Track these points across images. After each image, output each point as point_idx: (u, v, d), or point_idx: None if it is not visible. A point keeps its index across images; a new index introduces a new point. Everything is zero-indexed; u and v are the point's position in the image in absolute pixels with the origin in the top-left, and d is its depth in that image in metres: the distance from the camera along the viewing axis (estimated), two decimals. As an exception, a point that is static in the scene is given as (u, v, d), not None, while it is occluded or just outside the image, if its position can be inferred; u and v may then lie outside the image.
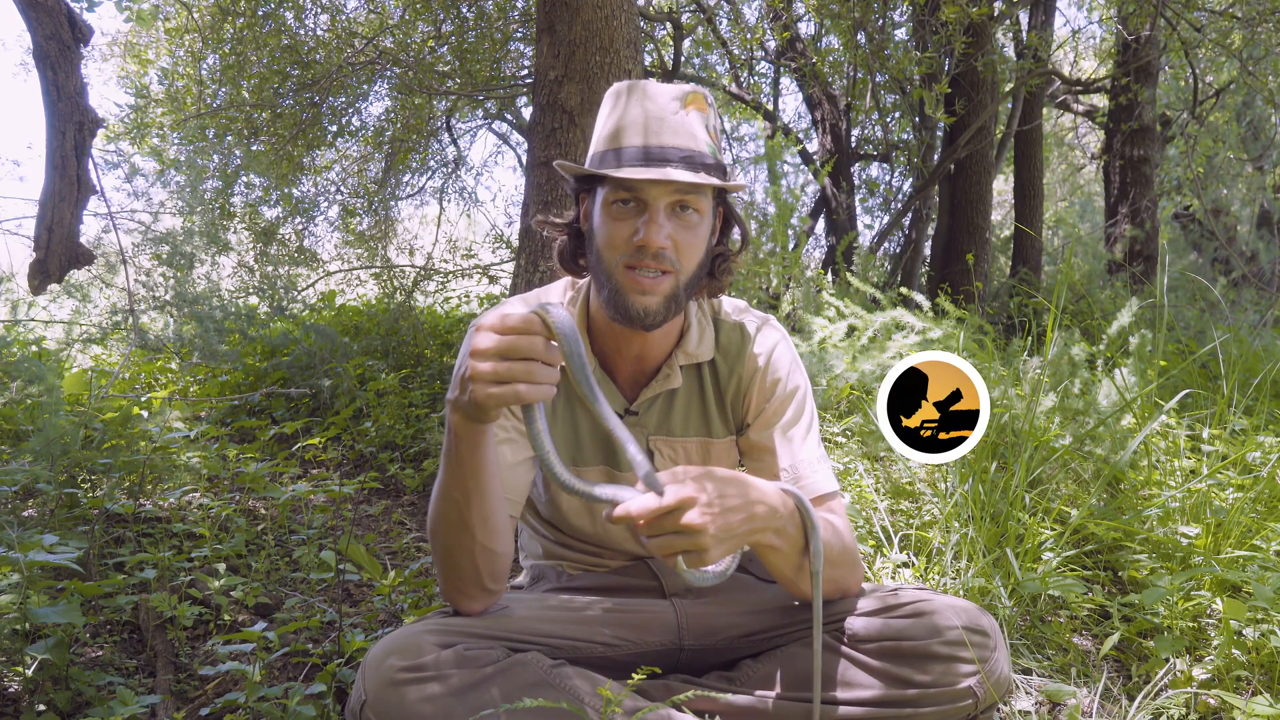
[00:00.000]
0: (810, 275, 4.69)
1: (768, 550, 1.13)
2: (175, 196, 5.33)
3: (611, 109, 1.24)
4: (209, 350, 3.66)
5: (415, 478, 3.01)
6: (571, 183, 1.31)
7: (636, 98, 1.21)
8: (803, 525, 1.15)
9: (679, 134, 1.19)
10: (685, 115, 1.20)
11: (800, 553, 1.16)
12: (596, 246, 1.24)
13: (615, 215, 1.20)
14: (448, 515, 1.12)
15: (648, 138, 1.19)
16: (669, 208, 1.19)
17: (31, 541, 1.52)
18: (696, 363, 1.36)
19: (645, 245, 1.18)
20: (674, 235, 1.19)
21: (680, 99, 1.21)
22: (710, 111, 1.24)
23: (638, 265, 1.19)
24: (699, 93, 1.23)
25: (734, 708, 1.21)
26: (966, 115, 5.51)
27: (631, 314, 1.21)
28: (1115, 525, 1.92)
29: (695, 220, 1.21)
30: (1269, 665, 1.52)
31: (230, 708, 1.46)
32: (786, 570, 1.17)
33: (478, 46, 5.41)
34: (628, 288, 1.20)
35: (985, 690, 1.19)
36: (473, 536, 1.12)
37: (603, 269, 1.23)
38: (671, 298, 1.22)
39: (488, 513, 1.12)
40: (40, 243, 2.69)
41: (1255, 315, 5.37)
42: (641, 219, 1.19)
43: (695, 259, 1.23)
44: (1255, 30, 5.02)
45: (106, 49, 7.03)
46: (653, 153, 1.18)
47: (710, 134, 1.23)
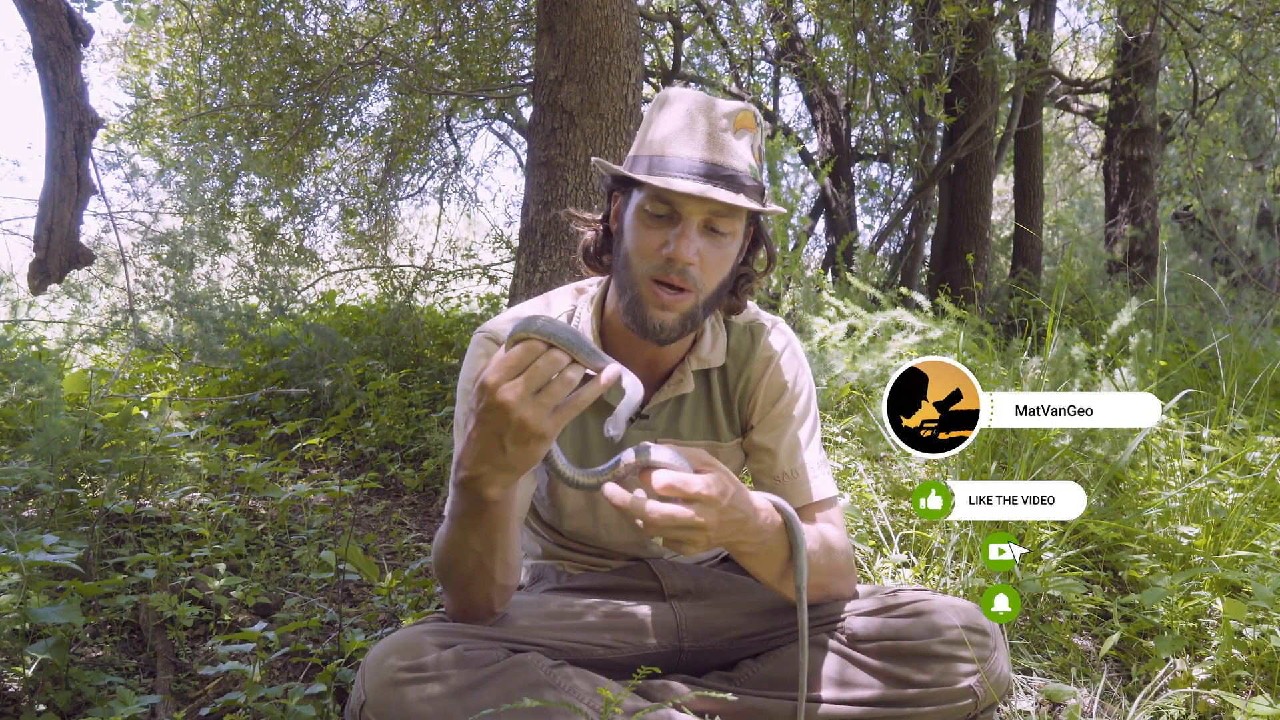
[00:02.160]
0: (810, 275, 4.69)
1: (746, 557, 1.15)
2: (175, 196, 5.34)
3: (662, 113, 1.22)
4: (209, 350, 3.66)
5: (415, 478, 3.01)
6: (607, 180, 1.30)
7: (689, 107, 1.20)
8: (788, 540, 1.16)
9: (725, 151, 1.18)
10: (734, 134, 1.19)
11: (784, 563, 1.17)
12: (625, 250, 1.23)
13: (648, 223, 1.19)
14: (463, 562, 1.11)
15: (694, 150, 1.17)
16: (702, 224, 1.18)
17: (31, 541, 1.52)
18: (708, 367, 1.36)
19: (674, 258, 1.17)
20: (702, 252, 1.18)
21: (730, 116, 1.20)
22: (758, 132, 1.23)
23: (663, 279, 1.18)
24: (750, 112, 1.22)
25: (734, 708, 1.21)
26: (966, 115, 5.51)
27: (648, 327, 1.21)
28: (1115, 525, 1.92)
29: (726, 240, 1.21)
30: (1269, 665, 1.52)
31: (230, 708, 1.46)
32: (767, 577, 1.19)
33: (478, 46, 5.41)
34: (649, 300, 1.20)
35: (985, 690, 1.19)
36: (491, 580, 1.13)
37: (628, 275, 1.22)
38: (689, 316, 1.21)
39: (509, 557, 1.12)
40: (40, 243, 2.69)
41: (1255, 315, 5.37)
42: (674, 231, 1.18)
43: (718, 278, 1.22)
44: (1255, 30, 5.02)
45: (106, 49, 7.02)
46: (697, 167, 1.17)
47: (754, 155, 1.22)
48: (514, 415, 0.93)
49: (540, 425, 0.94)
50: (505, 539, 1.10)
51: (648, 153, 1.21)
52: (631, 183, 1.23)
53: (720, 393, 1.36)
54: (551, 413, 0.94)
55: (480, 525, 1.06)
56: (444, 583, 1.17)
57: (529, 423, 0.93)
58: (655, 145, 1.20)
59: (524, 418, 0.93)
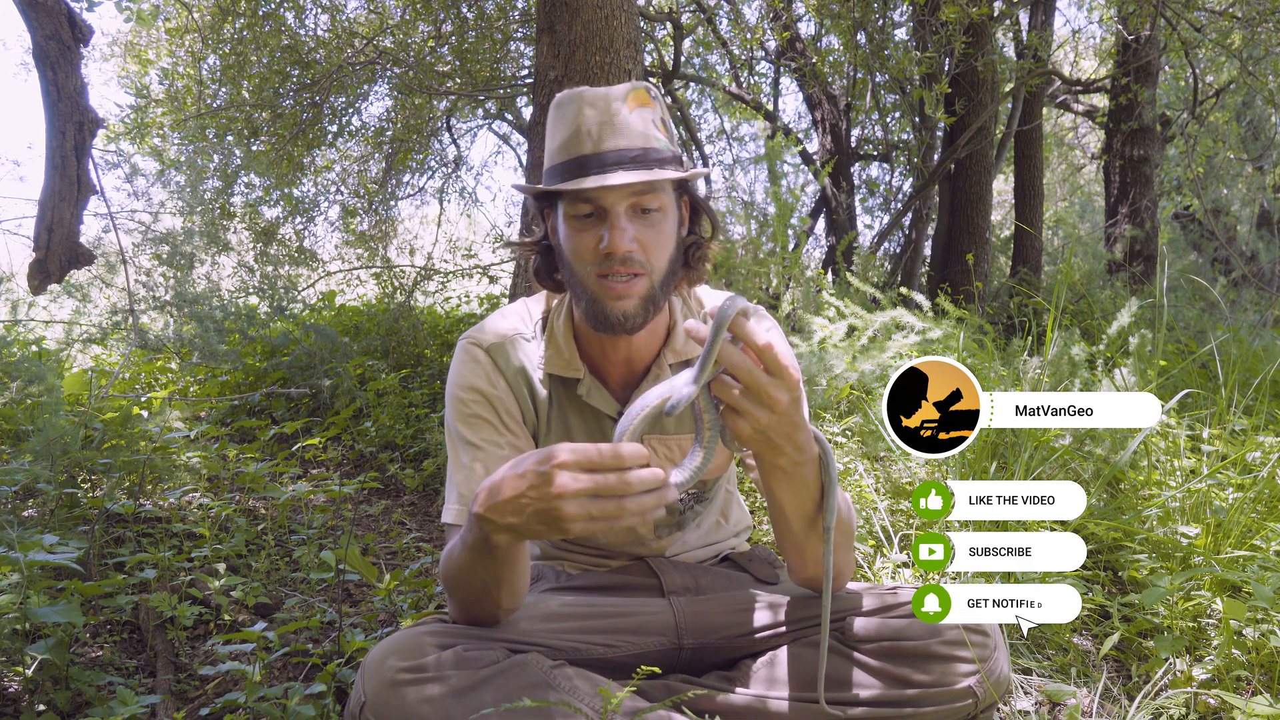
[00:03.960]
0: (810, 275, 4.69)
1: (780, 474, 1.09)
2: (175, 196, 5.34)
3: (556, 122, 1.24)
4: (209, 350, 3.66)
5: (415, 478, 3.01)
6: (534, 203, 1.31)
7: (579, 106, 1.20)
8: (820, 476, 1.12)
9: (625, 134, 1.19)
10: (631, 114, 1.20)
11: (813, 499, 1.13)
12: (566, 260, 1.24)
13: (579, 227, 1.21)
14: (470, 586, 1.11)
15: (596, 145, 1.18)
16: (629, 210, 1.19)
17: (31, 541, 1.52)
18: (686, 359, 1.36)
19: (612, 251, 1.18)
20: (639, 237, 1.19)
21: (623, 98, 1.20)
22: (656, 105, 1.24)
23: (609, 273, 1.19)
24: (641, 88, 1.22)
25: (734, 708, 1.21)
26: (966, 115, 5.51)
27: (611, 320, 1.22)
28: (1115, 525, 1.92)
29: (658, 218, 1.21)
30: (1269, 665, 1.52)
31: (230, 708, 1.46)
32: (794, 507, 1.13)
33: (478, 46, 5.41)
34: (604, 296, 1.21)
35: (985, 690, 1.19)
36: (499, 605, 1.14)
37: (576, 281, 1.23)
38: (648, 299, 1.22)
39: (516, 586, 1.13)
40: (40, 243, 2.68)
41: (1255, 315, 5.37)
42: (604, 227, 1.19)
43: (665, 255, 1.23)
44: (1255, 30, 5.02)
45: (106, 49, 7.02)
46: (604, 159, 1.17)
47: (660, 127, 1.22)
48: (556, 503, 0.91)
49: (572, 525, 0.92)
50: (512, 575, 1.10)
51: (554, 161, 1.23)
52: (554, 195, 1.24)
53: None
54: (587, 520, 0.92)
55: (489, 561, 1.06)
56: (450, 593, 1.16)
57: (564, 516, 0.91)
58: (558, 152, 1.22)
59: (564, 510, 0.91)
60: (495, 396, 1.31)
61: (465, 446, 1.28)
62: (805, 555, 1.20)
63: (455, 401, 1.31)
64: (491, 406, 1.30)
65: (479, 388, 1.31)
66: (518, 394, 1.33)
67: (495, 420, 1.30)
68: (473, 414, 1.29)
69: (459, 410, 1.30)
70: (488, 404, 1.30)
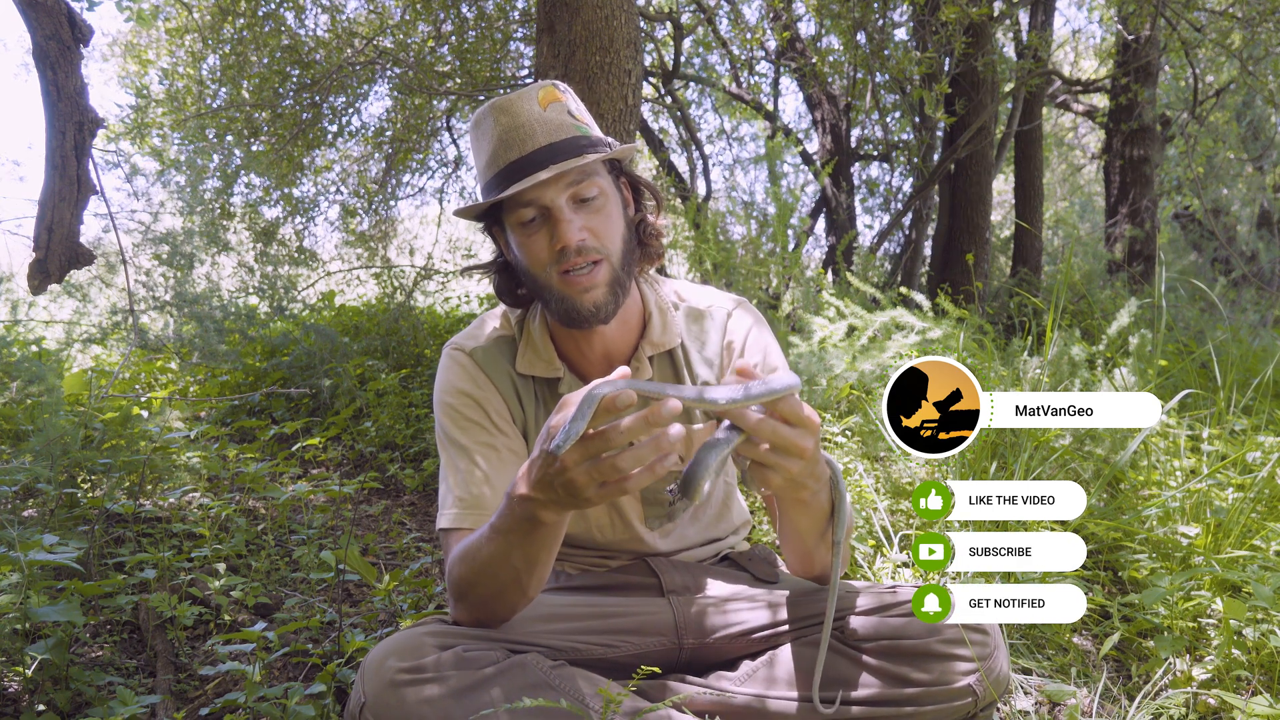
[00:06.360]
0: (810, 275, 4.69)
1: (800, 505, 1.13)
2: (175, 196, 5.33)
3: (478, 140, 1.26)
4: (209, 350, 3.66)
5: (415, 478, 3.01)
6: (481, 225, 1.33)
7: (494, 119, 1.23)
8: (830, 495, 1.15)
9: (546, 130, 1.21)
10: (545, 112, 1.22)
11: (825, 518, 1.17)
12: (525, 269, 1.26)
13: (527, 233, 1.23)
14: (498, 576, 1.11)
15: (521, 148, 1.21)
16: (570, 202, 1.21)
17: (31, 541, 1.52)
18: (665, 350, 1.37)
19: (565, 246, 1.20)
20: (587, 225, 1.21)
21: (531, 98, 1.23)
22: (567, 97, 1.26)
23: (569, 268, 1.21)
24: (548, 85, 1.25)
25: (734, 708, 1.21)
26: (966, 115, 5.50)
27: (584, 314, 1.23)
28: (1115, 525, 1.92)
29: (601, 202, 1.23)
30: (1269, 665, 1.52)
31: (230, 708, 1.46)
32: (811, 530, 1.17)
33: (478, 46, 5.41)
34: (570, 292, 1.22)
35: (984, 689, 1.19)
36: (524, 594, 1.13)
37: (540, 286, 1.25)
38: (613, 283, 1.24)
39: (545, 573, 1.13)
40: (40, 243, 2.68)
41: (1255, 315, 5.37)
42: (551, 225, 1.21)
43: (617, 236, 1.25)
44: (1255, 30, 5.02)
45: (106, 49, 7.03)
46: (533, 159, 1.20)
47: (575, 117, 1.25)
48: (567, 476, 0.94)
49: (586, 492, 0.94)
50: (548, 558, 1.10)
51: (487, 177, 1.25)
52: (495, 212, 1.27)
53: (687, 374, 1.38)
54: (598, 486, 0.93)
55: (529, 543, 1.06)
56: (465, 595, 1.15)
57: (578, 486, 0.94)
58: (488, 168, 1.24)
59: (575, 480, 0.93)
60: (484, 398, 1.32)
61: (459, 450, 1.28)
62: (813, 562, 1.24)
63: (445, 407, 1.32)
64: (481, 408, 1.31)
65: (467, 391, 1.32)
66: (505, 395, 1.34)
67: (486, 422, 1.30)
68: (464, 417, 1.30)
69: (450, 415, 1.31)
70: (477, 406, 1.31)
